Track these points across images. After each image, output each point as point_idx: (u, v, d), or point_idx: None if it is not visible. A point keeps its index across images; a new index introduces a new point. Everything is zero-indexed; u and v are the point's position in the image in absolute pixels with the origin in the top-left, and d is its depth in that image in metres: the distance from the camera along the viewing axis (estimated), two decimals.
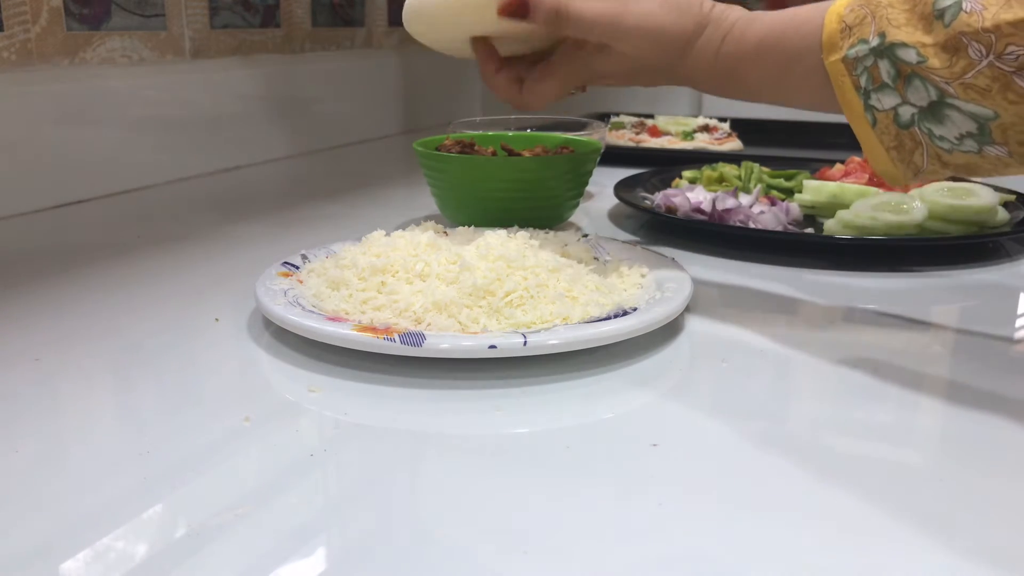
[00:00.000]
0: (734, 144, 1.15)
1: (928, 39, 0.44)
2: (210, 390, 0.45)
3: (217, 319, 0.54)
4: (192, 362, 0.48)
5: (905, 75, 0.45)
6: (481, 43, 0.60)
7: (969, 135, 0.45)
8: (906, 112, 0.46)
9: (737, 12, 0.53)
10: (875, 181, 0.79)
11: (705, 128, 1.20)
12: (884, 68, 0.46)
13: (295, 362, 0.47)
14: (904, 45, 0.45)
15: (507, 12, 0.54)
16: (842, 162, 0.85)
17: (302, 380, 0.45)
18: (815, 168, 0.87)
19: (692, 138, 1.17)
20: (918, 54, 0.44)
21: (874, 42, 0.46)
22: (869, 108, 0.47)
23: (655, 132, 1.19)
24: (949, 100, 0.44)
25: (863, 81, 0.47)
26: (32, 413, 0.42)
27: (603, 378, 0.46)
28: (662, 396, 0.45)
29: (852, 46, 0.47)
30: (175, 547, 0.31)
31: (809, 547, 0.32)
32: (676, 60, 0.54)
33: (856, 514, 0.34)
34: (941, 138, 0.46)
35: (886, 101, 0.46)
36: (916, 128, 0.46)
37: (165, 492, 0.35)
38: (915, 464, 0.38)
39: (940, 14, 0.44)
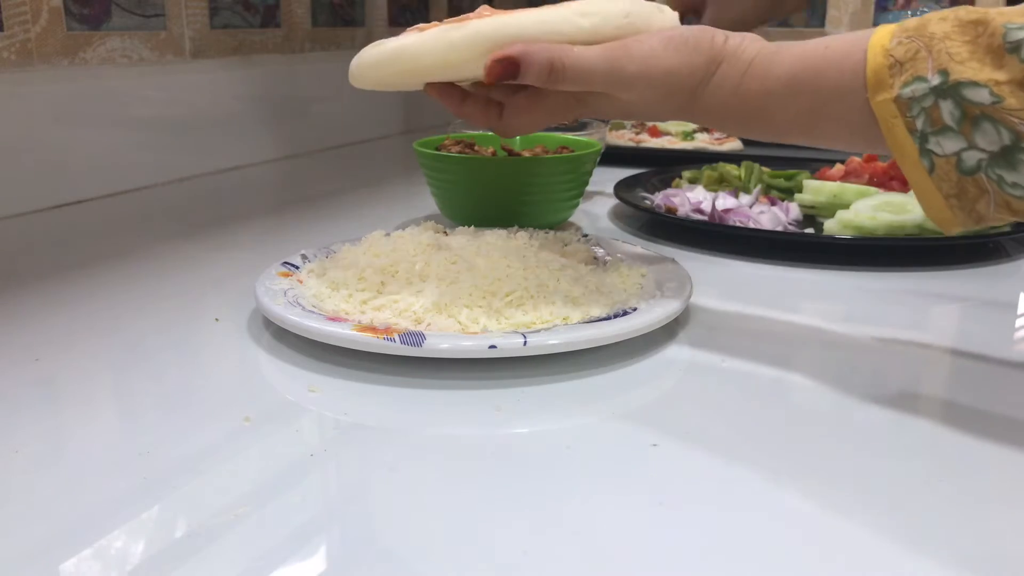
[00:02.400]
0: (734, 144, 1.15)
1: (1002, 76, 0.39)
2: (210, 390, 0.45)
3: (217, 319, 0.54)
4: (192, 362, 0.48)
5: (972, 117, 0.40)
6: (435, 85, 0.54)
7: None
8: (972, 158, 0.41)
9: (757, 44, 0.48)
10: (875, 181, 0.80)
11: (705, 128, 1.20)
12: (947, 109, 0.41)
13: (295, 362, 0.47)
14: (974, 84, 0.40)
15: (495, 77, 0.48)
16: (842, 162, 0.85)
17: (302, 380, 0.45)
18: (815, 168, 0.87)
19: (692, 138, 1.17)
20: (991, 93, 0.39)
21: (934, 80, 0.41)
22: (926, 153, 0.42)
23: (655, 132, 1.19)
24: None
25: (920, 124, 0.42)
26: (32, 413, 0.42)
27: (603, 378, 0.46)
28: (662, 396, 0.45)
29: (906, 84, 0.41)
30: (175, 547, 0.31)
31: (809, 547, 0.32)
32: (686, 102, 0.49)
33: (856, 515, 0.34)
34: (1014, 185, 0.41)
35: (948, 146, 0.41)
36: (983, 175, 0.41)
37: (165, 492, 0.35)
38: (915, 464, 0.38)
39: (1015, 47, 0.39)
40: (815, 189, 0.76)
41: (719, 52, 0.47)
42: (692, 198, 0.75)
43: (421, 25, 0.52)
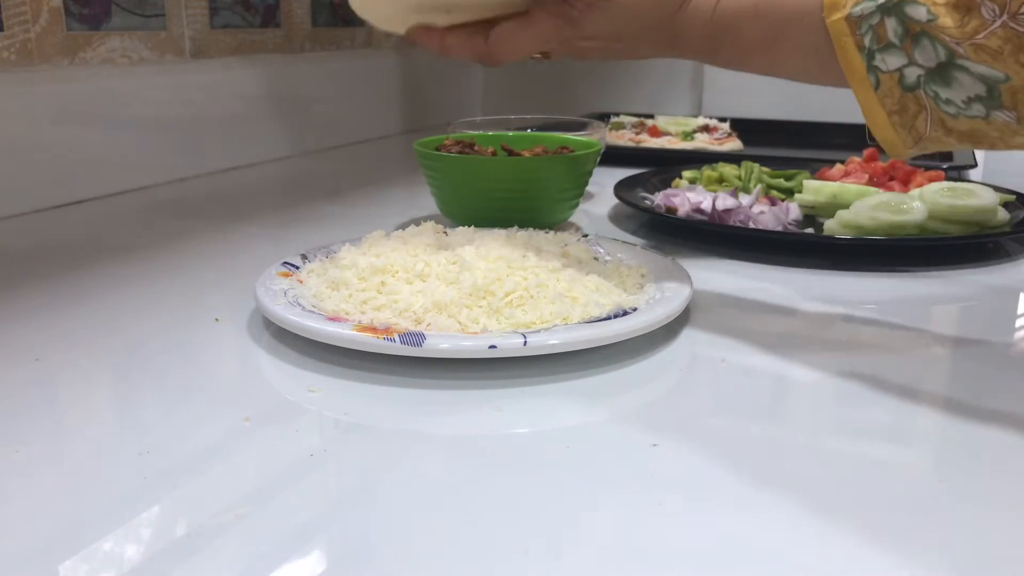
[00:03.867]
0: (734, 144, 1.15)
1: None
2: (210, 390, 0.45)
3: (217, 319, 0.54)
4: (192, 362, 0.48)
5: (913, 34, 0.43)
6: (417, 28, 0.56)
7: (977, 99, 0.43)
8: (912, 73, 0.44)
9: None
10: (875, 181, 0.80)
11: (705, 128, 1.20)
12: (891, 26, 0.44)
13: (295, 362, 0.47)
14: (914, 2, 0.43)
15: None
16: (842, 162, 0.85)
17: (302, 380, 0.45)
18: (815, 168, 0.87)
19: (692, 138, 1.17)
20: (928, 12, 0.43)
21: None
22: (872, 69, 0.45)
23: (655, 132, 1.19)
24: (959, 61, 0.43)
25: (867, 40, 0.45)
26: (32, 413, 0.42)
27: (603, 378, 0.46)
28: (662, 396, 0.45)
29: (857, 3, 0.45)
30: (175, 547, 0.31)
31: (809, 547, 0.32)
32: (671, 14, 0.52)
33: (855, 514, 0.34)
34: (948, 101, 0.44)
35: (891, 62, 0.45)
36: (922, 91, 0.44)
37: (165, 492, 0.35)
38: (915, 465, 0.38)
39: None
40: (815, 189, 0.76)
41: None
42: (692, 198, 0.75)
43: None
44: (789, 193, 0.82)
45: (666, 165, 0.93)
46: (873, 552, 0.32)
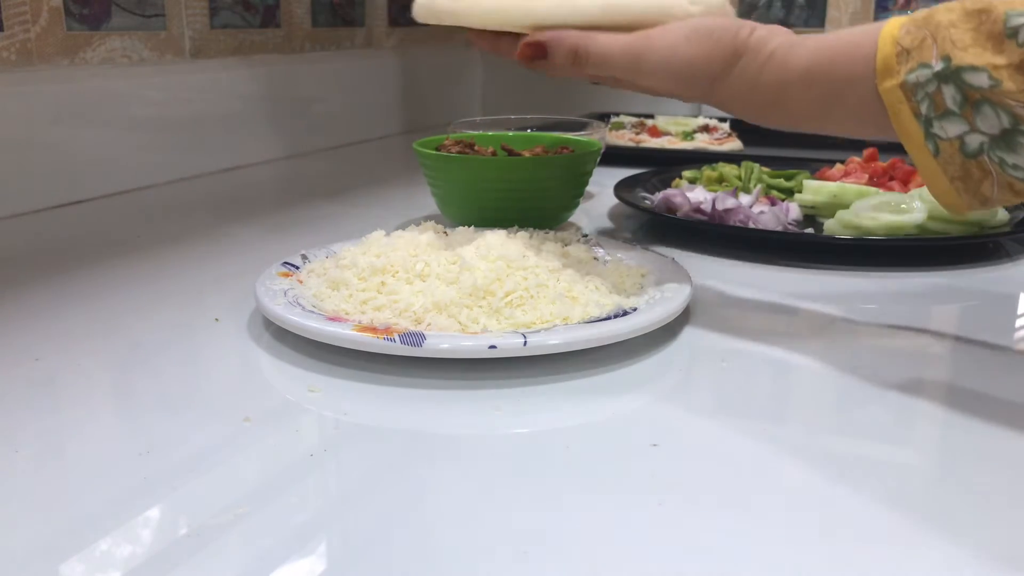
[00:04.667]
0: (734, 144, 1.15)
1: (1000, 60, 0.40)
2: (210, 390, 0.45)
3: (217, 319, 0.54)
4: (192, 362, 0.48)
5: (973, 101, 0.41)
6: (481, 33, 0.57)
7: None
8: (974, 141, 0.42)
9: (779, 37, 0.49)
10: (875, 181, 0.80)
11: (705, 128, 1.20)
12: (949, 94, 0.42)
13: (295, 362, 0.47)
14: (973, 68, 0.41)
15: (526, 56, 0.52)
16: (842, 162, 0.85)
17: (302, 380, 0.45)
18: (815, 168, 0.87)
19: (692, 138, 1.17)
20: (990, 77, 0.41)
21: (938, 66, 0.42)
22: (931, 137, 0.43)
23: (655, 132, 1.19)
24: None
25: (924, 108, 0.43)
26: (32, 413, 0.42)
27: (603, 378, 0.46)
28: (662, 396, 0.45)
29: (911, 71, 0.43)
30: (175, 547, 0.31)
31: (809, 547, 0.32)
32: (706, 91, 0.50)
33: (856, 514, 0.34)
34: (1015, 167, 0.42)
35: (951, 129, 0.42)
36: (985, 157, 0.42)
37: (165, 492, 0.35)
38: (915, 464, 0.38)
39: (1013, 32, 0.40)
40: (815, 189, 0.76)
41: (741, 45, 0.49)
42: (692, 198, 0.75)
43: None
44: (789, 193, 0.82)
45: (666, 165, 0.93)
46: (873, 552, 0.32)
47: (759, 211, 0.73)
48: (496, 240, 0.56)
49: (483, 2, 0.53)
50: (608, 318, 0.48)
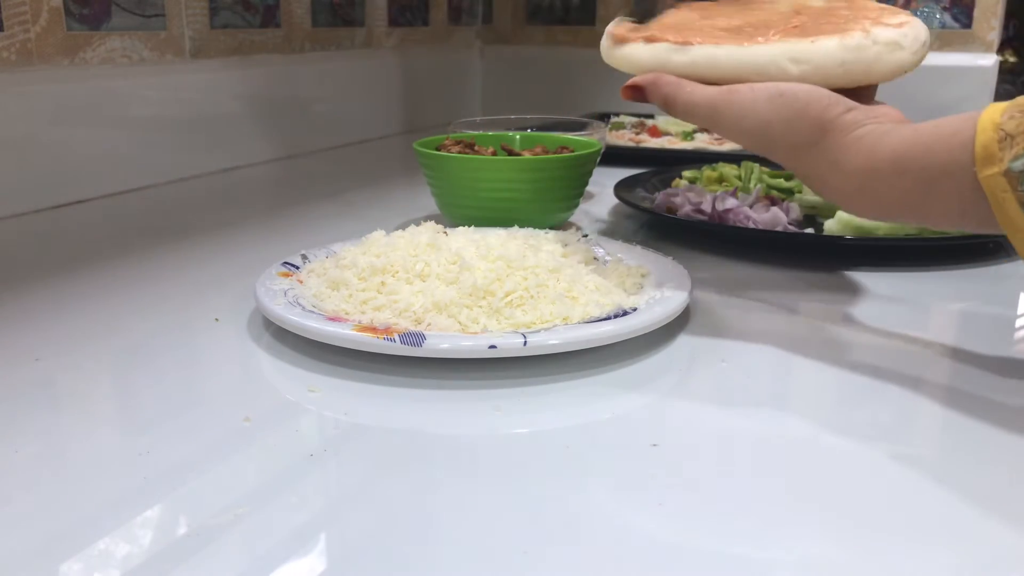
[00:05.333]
0: (734, 144, 1.15)
1: None
2: (210, 390, 0.45)
3: (217, 319, 0.54)
4: (192, 362, 0.48)
5: None
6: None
7: None
8: None
9: (875, 122, 0.46)
10: None
11: (705, 128, 1.20)
12: None
13: (295, 362, 0.47)
14: None
15: (628, 96, 0.54)
16: None
17: (302, 380, 0.45)
18: None
19: (692, 138, 1.16)
20: None
21: None
22: None
23: (655, 132, 1.19)
24: None
25: None
26: (32, 413, 0.42)
27: (603, 378, 0.46)
28: (662, 396, 0.45)
29: (1016, 157, 0.40)
30: (175, 547, 0.31)
31: (809, 547, 0.32)
32: (786, 158, 0.48)
33: (856, 514, 0.34)
34: None
35: None
36: None
37: (165, 492, 0.35)
38: (915, 464, 0.38)
39: None
40: None
41: (829, 121, 0.46)
42: (692, 198, 0.75)
43: (645, 31, 0.54)
44: (789, 193, 0.81)
45: (666, 165, 0.93)
46: (873, 551, 0.32)
47: (759, 211, 0.73)
48: (496, 240, 0.56)
49: (611, 50, 0.56)
50: (608, 318, 0.48)
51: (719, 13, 0.56)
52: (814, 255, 0.68)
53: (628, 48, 0.54)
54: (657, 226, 0.78)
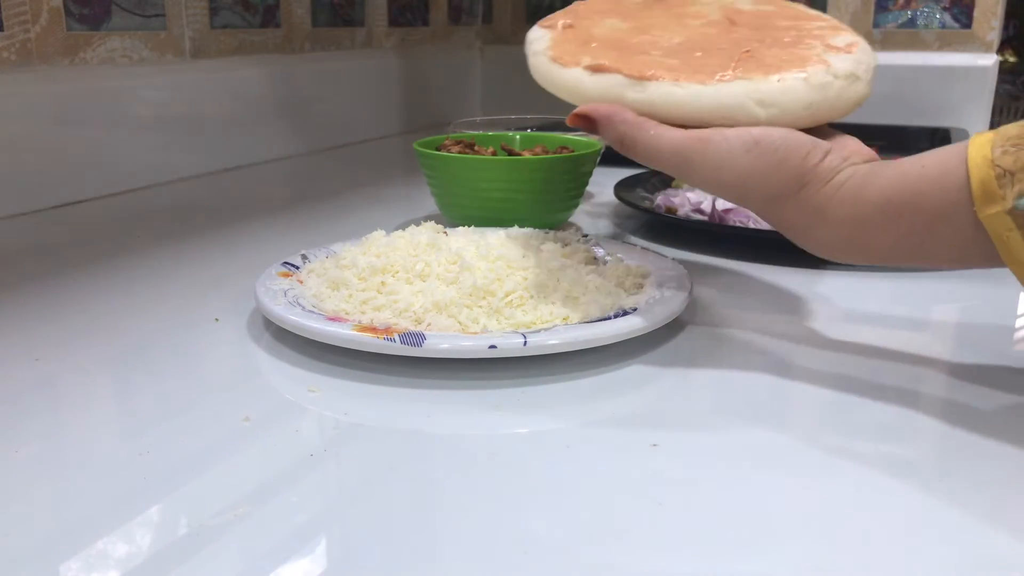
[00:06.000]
0: None
1: None
2: (210, 390, 0.45)
3: (217, 319, 0.54)
4: (192, 362, 0.48)
5: None
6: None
7: None
8: None
9: (851, 167, 0.43)
10: None
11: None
12: None
13: (295, 362, 0.47)
14: None
15: (576, 124, 0.48)
16: None
17: (302, 380, 0.45)
18: None
19: None
20: None
21: None
22: None
23: None
24: None
25: None
26: (32, 413, 0.42)
27: (603, 378, 0.46)
28: (662, 396, 0.45)
29: (1021, 195, 0.38)
30: (175, 547, 0.31)
31: (809, 547, 0.32)
32: (760, 208, 0.46)
33: (856, 514, 0.34)
34: None
35: None
36: None
37: (165, 492, 0.35)
38: (915, 464, 0.38)
39: None
40: None
41: (808, 172, 0.43)
42: (692, 198, 0.75)
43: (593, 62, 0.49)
44: None
45: None
46: (873, 551, 0.32)
47: None
48: (496, 240, 0.56)
49: (551, 71, 0.50)
50: (608, 318, 0.48)
51: (643, 15, 0.53)
52: (814, 255, 0.68)
53: (570, 74, 0.48)
54: (657, 226, 0.78)
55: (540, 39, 0.51)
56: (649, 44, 0.49)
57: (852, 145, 0.45)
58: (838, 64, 0.47)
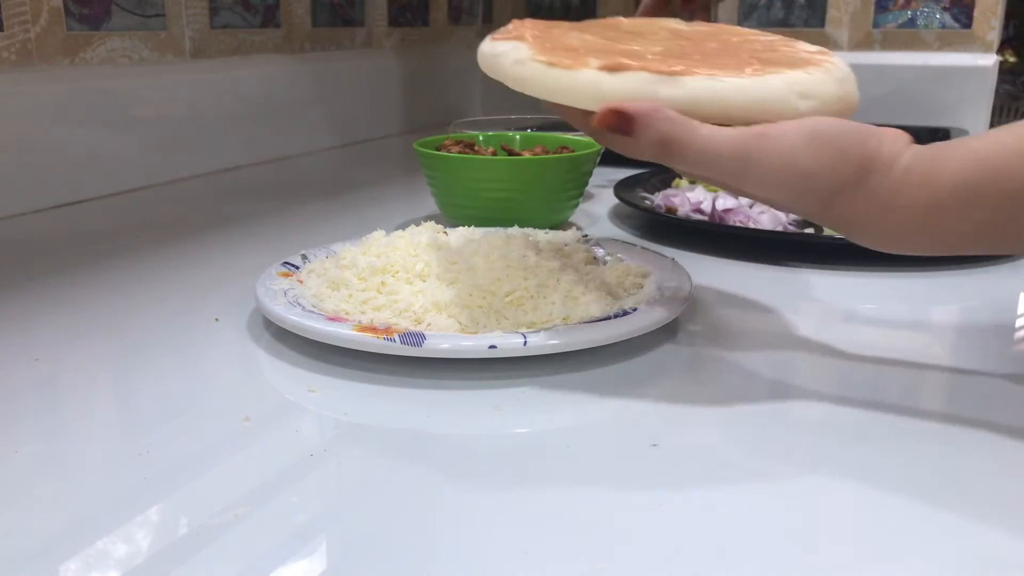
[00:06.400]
0: None
1: None
2: (210, 390, 0.45)
3: (217, 319, 0.54)
4: (192, 362, 0.48)
5: None
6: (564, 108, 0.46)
7: None
8: None
9: (910, 149, 0.40)
10: None
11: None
12: None
13: (295, 362, 0.47)
14: None
15: (605, 124, 0.41)
16: None
17: (302, 380, 0.45)
18: None
19: None
20: None
21: None
22: None
23: None
24: None
25: None
26: (32, 413, 0.42)
27: (603, 378, 0.46)
28: (662, 396, 0.45)
29: None
30: (175, 547, 0.31)
31: (809, 547, 0.32)
32: (818, 208, 0.41)
33: (856, 514, 0.34)
34: None
35: None
36: None
37: (165, 492, 0.35)
38: (914, 465, 0.38)
39: None
40: None
41: (870, 160, 0.39)
42: (692, 198, 0.75)
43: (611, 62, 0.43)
44: None
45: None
46: (872, 551, 0.32)
47: (759, 211, 0.73)
48: (496, 240, 0.56)
49: (552, 76, 0.44)
50: (608, 318, 0.48)
51: (602, 32, 0.49)
52: (814, 255, 0.68)
53: (583, 76, 0.42)
54: (657, 226, 0.78)
55: (514, 49, 0.45)
56: (636, 53, 0.45)
57: (890, 130, 0.41)
58: (838, 62, 0.46)
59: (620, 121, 0.41)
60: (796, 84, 0.42)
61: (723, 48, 0.47)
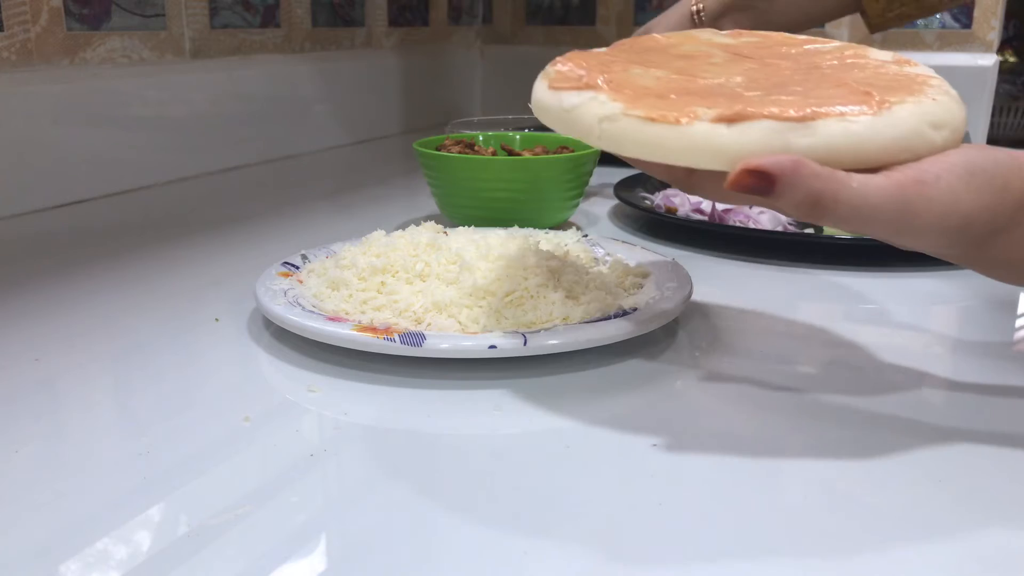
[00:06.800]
0: None
1: None
2: (210, 390, 0.45)
3: (217, 319, 0.54)
4: (192, 362, 0.48)
5: None
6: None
7: None
8: None
9: None
10: None
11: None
12: None
13: (295, 362, 0.47)
14: None
15: (740, 189, 0.35)
16: None
17: (302, 380, 0.45)
18: None
19: None
20: None
21: None
22: None
23: None
24: None
25: None
26: (32, 413, 0.42)
27: (603, 378, 0.46)
28: (662, 396, 0.45)
29: None
30: (175, 547, 0.31)
31: (809, 547, 0.32)
32: (971, 251, 0.38)
33: (856, 514, 0.34)
34: None
35: None
36: None
37: (165, 492, 0.35)
38: (914, 465, 0.38)
39: None
40: None
41: None
42: (692, 198, 0.75)
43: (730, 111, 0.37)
44: None
45: None
46: (874, 552, 0.32)
47: (759, 211, 0.73)
48: (496, 240, 0.56)
49: (655, 133, 0.37)
50: (608, 318, 0.48)
51: (656, 60, 0.44)
52: (814, 255, 0.68)
53: (696, 132, 0.36)
54: (657, 226, 0.78)
55: (593, 102, 0.39)
56: (723, 89, 0.40)
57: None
58: (942, 80, 0.41)
59: (760, 183, 0.35)
60: (926, 115, 0.38)
61: (801, 68, 0.43)
